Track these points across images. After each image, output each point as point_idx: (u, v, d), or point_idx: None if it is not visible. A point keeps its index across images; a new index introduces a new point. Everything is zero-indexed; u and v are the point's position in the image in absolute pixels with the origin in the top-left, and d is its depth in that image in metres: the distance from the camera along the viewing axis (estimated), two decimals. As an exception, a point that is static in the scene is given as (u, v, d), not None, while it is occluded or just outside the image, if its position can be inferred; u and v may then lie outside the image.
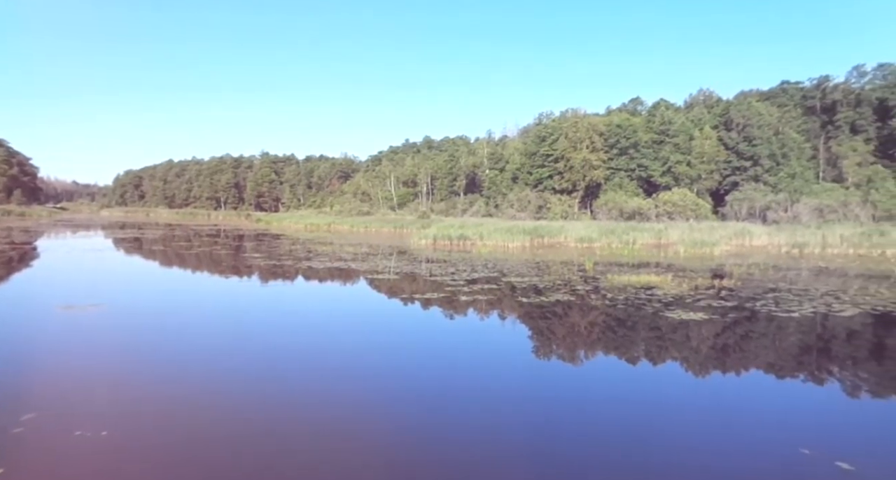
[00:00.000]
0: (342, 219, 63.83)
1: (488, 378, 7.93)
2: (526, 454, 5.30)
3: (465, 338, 10.63)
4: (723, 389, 7.57)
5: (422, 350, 9.63)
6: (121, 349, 9.20)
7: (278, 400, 6.75)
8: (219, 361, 8.44)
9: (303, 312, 13.26)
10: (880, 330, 10.94)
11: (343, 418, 6.21)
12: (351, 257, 25.89)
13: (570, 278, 18.05)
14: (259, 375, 7.76)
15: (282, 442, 5.46)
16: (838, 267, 21.02)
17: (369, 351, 9.41)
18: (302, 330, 10.98)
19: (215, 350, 9.17)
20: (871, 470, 4.79)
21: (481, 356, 9.29)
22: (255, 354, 8.93)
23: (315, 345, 9.66)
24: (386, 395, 7.03)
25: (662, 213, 43.56)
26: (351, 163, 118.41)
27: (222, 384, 7.32)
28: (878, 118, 52.52)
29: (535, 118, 69.56)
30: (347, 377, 7.80)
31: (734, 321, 11.43)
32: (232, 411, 6.33)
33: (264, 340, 9.99)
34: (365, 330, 11.26)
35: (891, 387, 7.63)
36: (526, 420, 6.20)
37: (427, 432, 5.83)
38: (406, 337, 10.74)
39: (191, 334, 10.39)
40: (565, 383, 7.83)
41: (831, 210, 38.91)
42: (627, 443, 5.55)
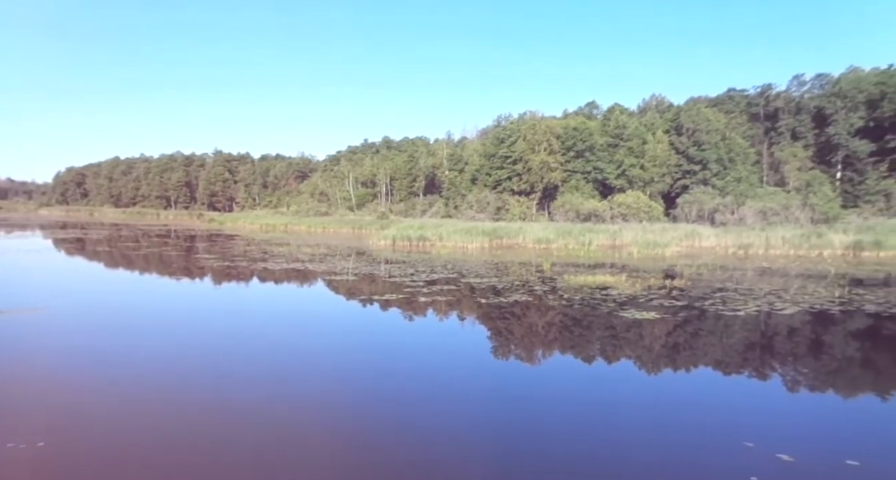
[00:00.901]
0: (299, 220, 62.75)
1: (447, 378, 7.92)
2: (485, 452, 5.31)
3: (424, 339, 10.59)
4: (673, 385, 7.80)
5: (380, 351, 9.54)
6: (59, 355, 8.73)
7: (228, 404, 6.53)
8: (166, 366, 8.11)
9: (257, 314, 12.92)
10: (818, 327, 11.53)
11: (298, 422, 6.06)
12: (308, 258, 25.44)
13: (529, 279, 18.27)
14: (209, 380, 7.50)
15: (233, 447, 5.28)
16: (780, 268, 22.05)
17: (326, 352, 9.25)
18: (256, 333, 10.69)
19: (163, 354, 8.81)
20: (809, 461, 5.02)
21: (440, 356, 9.27)
22: (205, 358, 8.63)
23: (270, 348, 9.42)
24: (343, 397, 6.91)
25: (617, 215, 44.71)
26: (308, 162, 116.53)
27: (169, 390, 7.04)
28: (816, 125, 55.51)
29: (493, 120, 70.22)
30: (303, 380, 7.64)
31: (684, 320, 11.81)
32: (178, 418, 6.09)
33: (216, 343, 9.67)
34: (322, 332, 11.06)
35: (827, 382, 8.04)
36: (484, 419, 6.21)
37: (386, 432, 5.76)
38: (364, 338, 10.62)
39: (136, 338, 9.96)
40: (523, 382, 7.90)
41: (774, 213, 40.83)
42: (583, 439, 5.64)
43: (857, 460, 5.01)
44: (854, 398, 7.39)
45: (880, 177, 50.11)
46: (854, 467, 4.89)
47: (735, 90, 62.96)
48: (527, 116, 58.41)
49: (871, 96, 52.25)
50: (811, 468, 4.90)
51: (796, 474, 4.77)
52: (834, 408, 6.89)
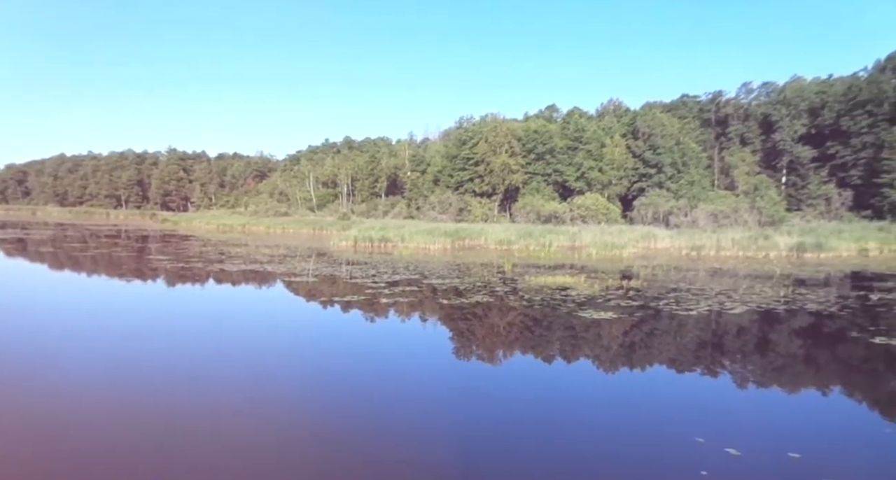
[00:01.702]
0: (258, 220, 61.45)
1: (408, 379, 7.90)
2: (446, 451, 5.33)
3: (385, 341, 10.54)
4: (629, 384, 8.02)
5: (340, 353, 9.44)
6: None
7: (178, 410, 6.34)
8: (112, 370, 7.80)
9: (212, 317, 12.58)
10: (764, 325, 12.06)
11: (255, 427, 5.94)
12: (267, 259, 24.94)
13: (490, 280, 18.43)
14: (156, 386, 7.25)
15: (185, 454, 5.13)
16: (730, 269, 22.96)
17: (284, 355, 9.09)
18: (210, 336, 10.40)
19: (109, 358, 8.47)
20: (755, 455, 5.25)
21: (402, 358, 9.25)
22: (155, 363, 8.34)
23: (225, 351, 9.18)
24: (302, 400, 6.81)
25: (577, 217, 45.62)
26: (267, 161, 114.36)
27: (115, 396, 6.77)
28: (762, 132, 58.08)
29: (456, 122, 70.56)
30: (259, 384, 7.48)
31: (640, 319, 12.15)
32: (122, 425, 5.87)
33: (168, 347, 9.36)
34: (280, 335, 10.86)
35: (772, 378, 8.42)
36: (445, 420, 6.24)
37: (346, 435, 5.70)
38: (324, 340, 10.48)
39: (81, 341, 9.54)
40: (485, 382, 7.96)
41: (724, 215, 42.49)
42: (541, 437, 5.73)
43: (799, 452, 5.27)
44: (796, 393, 7.77)
45: (821, 182, 52.83)
46: (795, 459, 5.15)
47: (688, 96, 65.24)
48: (488, 118, 58.95)
49: (813, 105, 55.05)
50: (756, 461, 5.13)
51: (742, 467, 4.99)
52: (778, 403, 7.22)
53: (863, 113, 50.30)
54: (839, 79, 56.93)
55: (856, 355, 9.49)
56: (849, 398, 7.56)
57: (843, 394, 7.66)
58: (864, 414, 6.97)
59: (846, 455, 5.39)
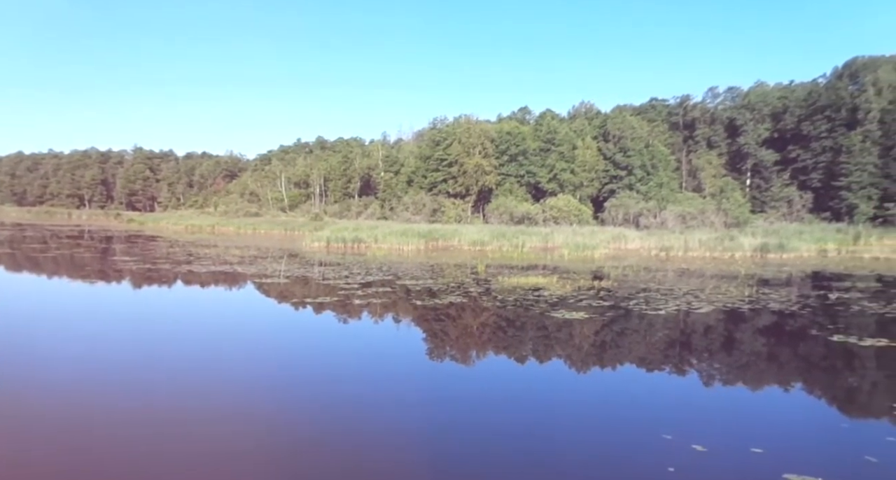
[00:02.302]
0: (228, 221, 60.37)
1: (382, 380, 7.87)
2: (420, 452, 5.32)
3: (358, 342, 10.47)
4: (600, 382, 8.15)
5: (313, 354, 9.34)
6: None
7: (146, 417, 6.18)
8: (70, 376, 7.57)
9: (180, 319, 12.30)
10: (730, 324, 12.40)
11: (225, 433, 5.83)
12: (237, 260, 24.52)
13: (464, 280, 18.48)
14: (120, 392, 7.06)
15: (155, 462, 5.01)
16: (697, 269, 23.52)
17: (255, 357, 8.95)
18: (179, 339, 10.17)
19: (68, 363, 8.21)
20: (720, 450, 5.40)
21: (375, 359, 9.20)
22: (119, 367, 8.11)
23: (194, 354, 8.99)
24: (273, 403, 6.71)
25: (549, 218, 46.11)
26: (237, 161, 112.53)
27: (71, 403, 6.56)
28: (728, 135, 59.73)
29: (429, 122, 70.53)
30: (230, 387, 7.35)
31: (611, 319, 12.35)
32: (84, 432, 5.70)
33: (133, 351, 9.12)
34: (251, 336, 10.69)
35: (737, 375, 8.67)
36: (419, 420, 6.23)
37: (319, 437, 5.65)
38: (296, 342, 10.36)
39: (38, 344, 9.22)
40: (458, 382, 7.99)
41: (692, 217, 43.52)
42: (514, 436, 5.79)
43: (761, 447, 5.44)
44: (760, 390, 8.01)
45: (783, 184, 54.60)
46: (757, 453, 5.31)
47: (657, 100, 66.66)
48: (462, 120, 59.10)
49: (776, 109, 56.87)
50: (721, 456, 5.27)
51: (708, 462, 5.12)
52: (742, 400, 7.44)
53: (822, 118, 52.18)
54: (800, 84, 58.98)
55: (815, 352, 9.83)
56: (809, 394, 7.83)
57: (803, 391, 7.93)
58: (822, 410, 7.23)
59: (806, 449, 5.59)
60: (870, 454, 5.34)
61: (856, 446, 5.64)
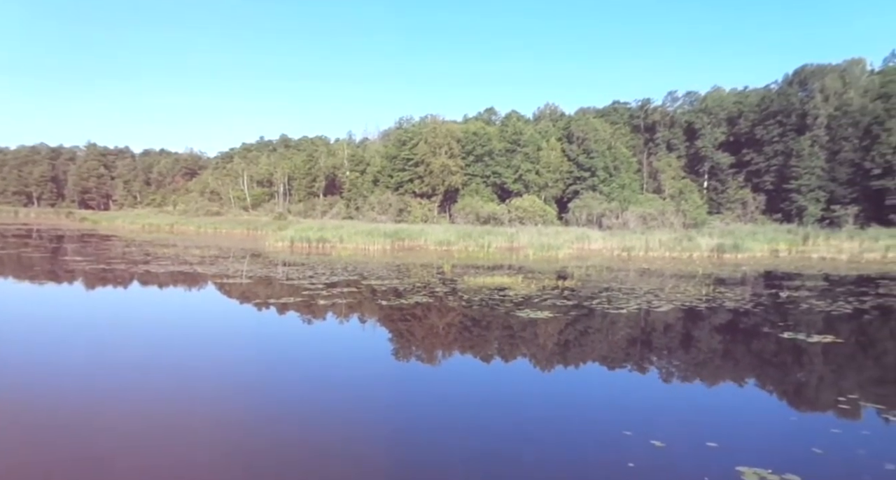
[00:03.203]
0: (188, 220, 58.81)
1: (347, 381, 7.81)
2: (387, 453, 5.31)
3: (323, 342, 10.36)
4: (563, 381, 8.29)
5: (276, 355, 9.19)
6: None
7: (98, 424, 5.97)
8: (12, 380, 7.24)
9: (136, 321, 11.91)
10: (688, 322, 12.79)
11: (187, 439, 5.68)
12: (197, 260, 23.89)
13: (430, 280, 18.50)
14: (71, 398, 6.80)
15: (113, 470, 4.84)
16: (657, 269, 24.15)
17: (216, 360, 8.74)
18: (135, 342, 9.84)
19: (11, 367, 7.85)
20: (678, 446, 5.57)
21: (340, 359, 9.12)
22: (69, 371, 7.81)
23: (151, 358, 8.72)
24: (234, 406, 6.57)
25: (514, 218, 46.57)
26: (198, 159, 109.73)
27: (16, 410, 6.29)
28: (687, 138, 61.53)
29: (395, 122, 70.31)
30: (190, 392, 7.16)
31: (575, 318, 12.57)
32: (29, 443, 5.47)
33: (86, 354, 8.78)
34: (211, 338, 10.43)
35: (695, 372, 8.95)
36: (385, 420, 6.21)
37: (283, 439, 5.56)
38: (259, 343, 10.16)
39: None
40: (423, 382, 8.00)
41: (653, 217, 44.68)
42: (476, 434, 5.83)
43: (716, 441, 5.64)
44: (715, 386, 8.30)
45: (738, 186, 56.63)
46: (712, 447, 5.51)
47: (619, 103, 68.10)
48: (428, 119, 59.11)
49: (731, 114, 58.92)
50: (678, 451, 5.44)
51: (666, 458, 5.28)
52: (698, 396, 7.69)
53: (774, 123, 54.34)
54: (754, 90, 61.24)
55: (767, 349, 10.24)
56: (761, 389, 8.15)
57: (755, 386, 8.25)
58: (773, 404, 7.54)
59: (757, 442, 5.82)
60: (816, 445, 5.60)
61: (803, 438, 5.91)
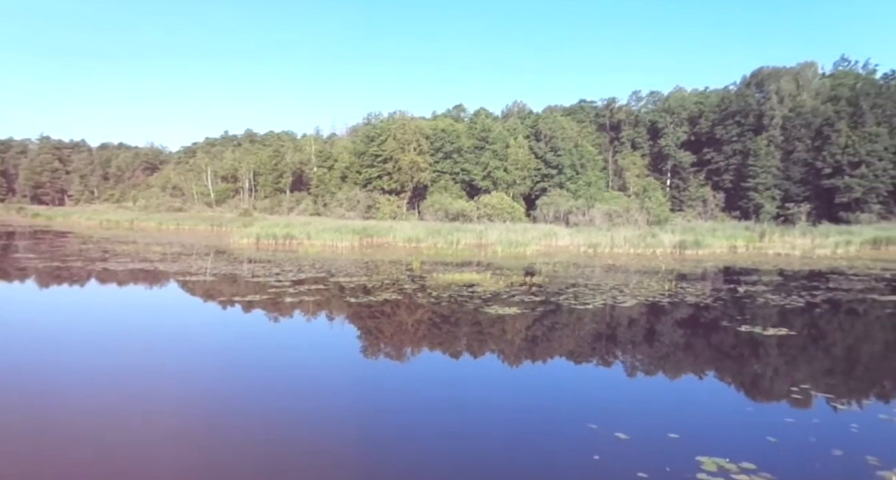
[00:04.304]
0: (149, 216, 57.11)
1: (315, 379, 7.74)
2: (355, 448, 5.29)
3: (290, 340, 10.23)
4: (530, 376, 8.41)
5: (241, 354, 9.03)
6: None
7: (50, 428, 5.77)
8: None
9: (94, 320, 11.52)
10: (651, 317, 13.12)
11: (144, 438, 5.54)
12: (159, 258, 23.24)
13: (398, 277, 18.45)
14: (18, 404, 6.55)
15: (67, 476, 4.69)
16: (622, 265, 24.66)
17: (177, 360, 8.53)
18: (92, 343, 9.53)
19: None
20: (641, 438, 5.72)
21: (307, 357, 9.03)
22: (16, 376, 7.51)
23: (109, 358, 8.46)
24: (198, 405, 6.44)
25: (483, 215, 46.80)
26: (159, 153, 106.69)
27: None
28: (650, 137, 62.98)
29: (364, 118, 69.75)
30: (149, 394, 6.98)
31: (542, 314, 12.75)
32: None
33: (39, 358, 8.45)
34: (172, 337, 10.17)
35: (658, 366, 9.20)
36: (354, 416, 6.19)
37: (248, 438, 5.47)
38: (223, 341, 9.97)
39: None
40: (392, 379, 7.99)
41: (618, 215, 45.56)
42: (445, 430, 5.88)
43: (677, 433, 5.82)
44: (677, 378, 8.55)
45: (699, 185, 58.32)
46: (674, 439, 5.68)
47: (585, 101, 69.17)
48: (397, 116, 58.82)
49: (692, 114, 60.56)
50: (641, 443, 5.59)
51: (629, 449, 5.42)
52: (661, 388, 7.91)
53: (732, 123, 56.12)
54: (714, 91, 63.10)
55: (726, 342, 10.59)
56: (720, 381, 8.43)
57: (715, 378, 8.53)
58: (731, 395, 7.81)
59: (716, 433, 6.03)
60: (770, 434, 5.84)
61: (759, 427, 6.15)
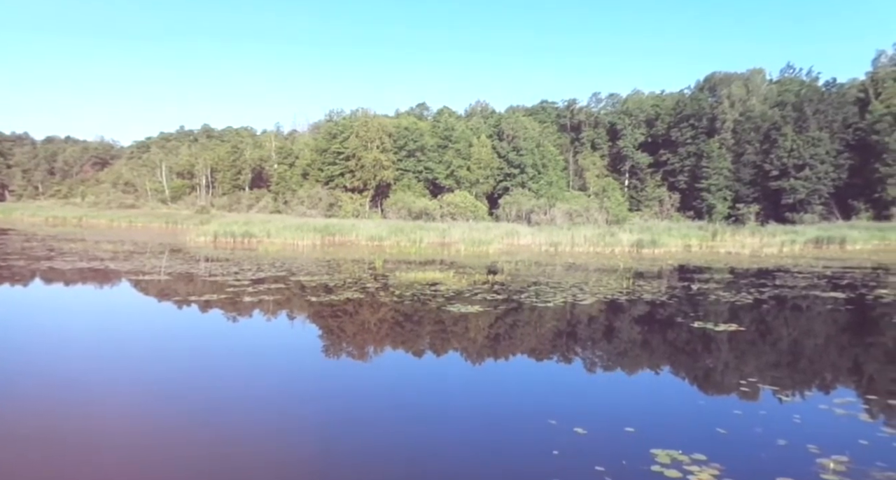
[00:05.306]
0: (98, 213, 54.93)
1: (275, 380, 7.61)
2: (316, 447, 5.24)
3: (248, 340, 10.03)
4: (492, 373, 8.50)
5: (196, 355, 8.79)
6: None
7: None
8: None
9: (36, 322, 11.00)
10: (610, 314, 13.45)
11: (90, 447, 5.34)
12: (110, 256, 22.38)
13: (361, 276, 18.32)
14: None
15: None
16: (582, 263, 25.16)
17: (127, 361, 8.24)
18: (37, 345, 9.10)
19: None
20: (598, 432, 5.88)
21: (267, 357, 8.87)
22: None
23: (50, 362, 8.10)
24: (149, 409, 6.24)
25: (446, 214, 46.92)
26: (110, 148, 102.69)
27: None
28: (610, 138, 64.46)
29: (326, 115, 68.83)
30: (92, 399, 6.72)
31: (504, 312, 12.89)
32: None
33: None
34: (123, 339, 9.81)
35: (615, 361, 9.45)
36: (315, 415, 6.12)
37: (205, 441, 5.35)
38: (178, 342, 9.68)
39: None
40: (354, 378, 7.94)
41: (578, 214, 46.44)
42: (409, 429, 5.90)
43: (633, 426, 6.00)
44: (633, 373, 8.80)
45: (656, 185, 60.06)
46: (630, 432, 5.86)
47: (547, 102, 70.20)
48: (359, 113, 58.31)
49: (649, 116, 62.29)
50: (599, 437, 5.75)
51: (587, 443, 5.56)
52: (618, 384, 8.13)
53: (687, 125, 58.01)
54: (669, 94, 65.04)
55: (680, 338, 10.96)
56: (674, 375, 8.73)
57: (669, 373, 8.83)
58: (684, 389, 8.10)
59: (669, 426, 6.24)
60: (720, 426, 6.09)
61: (709, 419, 6.40)
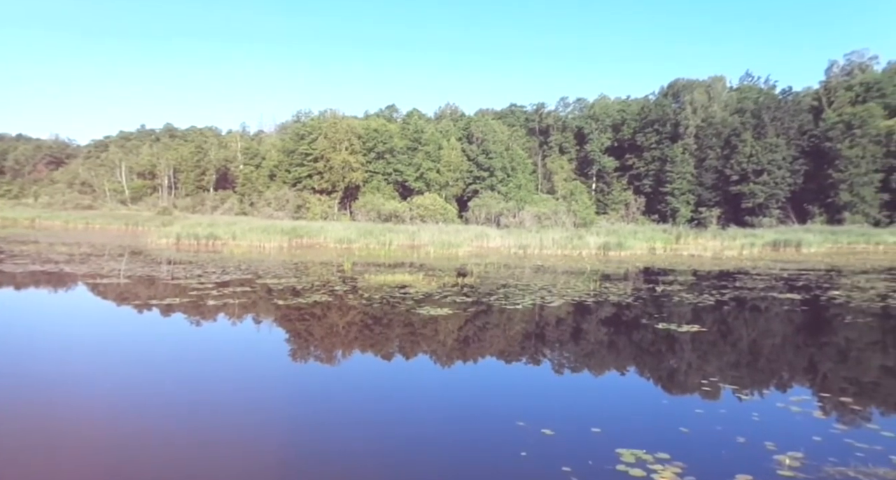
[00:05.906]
0: (53, 214, 52.92)
1: (240, 385, 7.43)
2: (282, 453, 5.13)
3: (212, 345, 9.78)
4: (461, 376, 8.50)
5: (159, 359, 8.52)
6: None
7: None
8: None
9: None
10: (577, 316, 13.63)
11: (49, 458, 5.11)
12: (65, 259, 21.55)
13: (329, 279, 18.11)
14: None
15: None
16: (551, 266, 25.45)
17: (82, 368, 7.93)
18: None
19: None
20: (565, 433, 5.94)
21: (232, 362, 8.66)
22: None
23: (9, 369, 7.73)
24: (104, 420, 6.02)
25: (416, 216, 46.86)
26: (65, 146, 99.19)
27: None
28: (577, 142, 65.50)
29: (293, 115, 68.00)
30: (45, 407, 6.45)
31: (474, 314, 12.92)
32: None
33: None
34: (79, 344, 9.44)
35: (582, 363, 9.57)
36: (281, 421, 6.00)
37: (170, 448, 5.18)
38: (138, 346, 9.36)
39: None
40: (322, 382, 7.83)
41: (546, 217, 47.00)
42: (375, 431, 5.83)
43: (599, 426, 6.08)
44: (600, 374, 8.93)
45: (622, 189, 61.32)
46: (596, 433, 5.93)
47: (516, 106, 70.94)
48: (328, 114, 57.77)
49: (616, 121, 63.59)
50: (566, 438, 5.80)
51: (554, 444, 5.61)
52: (585, 385, 8.24)
53: (652, 130, 59.45)
54: (635, 100, 66.55)
55: (645, 339, 11.18)
56: (639, 376, 8.89)
57: (634, 373, 8.99)
58: (649, 389, 8.25)
59: (634, 425, 6.35)
60: (683, 425, 6.23)
61: (673, 419, 6.54)
